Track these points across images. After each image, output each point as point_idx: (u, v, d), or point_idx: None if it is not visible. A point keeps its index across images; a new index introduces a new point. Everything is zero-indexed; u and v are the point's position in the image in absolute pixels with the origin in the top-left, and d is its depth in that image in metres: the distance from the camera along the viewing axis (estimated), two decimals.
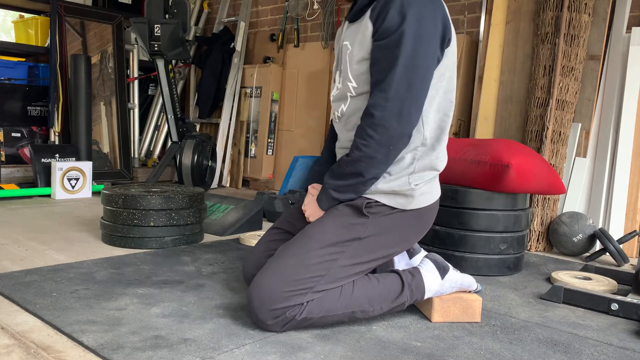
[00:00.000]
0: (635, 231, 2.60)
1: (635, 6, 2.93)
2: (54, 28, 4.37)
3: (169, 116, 4.23)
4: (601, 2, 2.91)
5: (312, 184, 1.78)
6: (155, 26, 3.87)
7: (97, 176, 4.13)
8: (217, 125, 4.89)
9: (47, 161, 3.85)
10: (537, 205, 2.79)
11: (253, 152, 4.75)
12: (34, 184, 3.85)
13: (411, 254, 1.80)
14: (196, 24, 5.37)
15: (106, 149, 4.65)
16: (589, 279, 2.14)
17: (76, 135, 4.22)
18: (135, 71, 4.99)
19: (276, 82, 4.67)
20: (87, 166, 3.87)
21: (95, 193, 3.94)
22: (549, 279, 2.24)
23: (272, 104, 4.65)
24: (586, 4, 2.84)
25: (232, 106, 4.82)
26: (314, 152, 4.43)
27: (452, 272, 1.67)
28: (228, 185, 4.84)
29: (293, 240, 1.59)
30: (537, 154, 2.40)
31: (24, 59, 4.71)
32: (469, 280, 1.71)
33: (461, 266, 2.20)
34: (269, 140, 4.67)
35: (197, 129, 4.91)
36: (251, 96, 4.79)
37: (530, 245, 2.79)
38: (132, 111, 4.91)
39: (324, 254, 1.50)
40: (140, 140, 5.08)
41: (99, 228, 2.67)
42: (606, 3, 2.90)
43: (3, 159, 4.27)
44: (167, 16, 3.91)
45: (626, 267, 2.47)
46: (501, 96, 3.20)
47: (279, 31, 4.74)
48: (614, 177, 2.82)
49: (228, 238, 2.74)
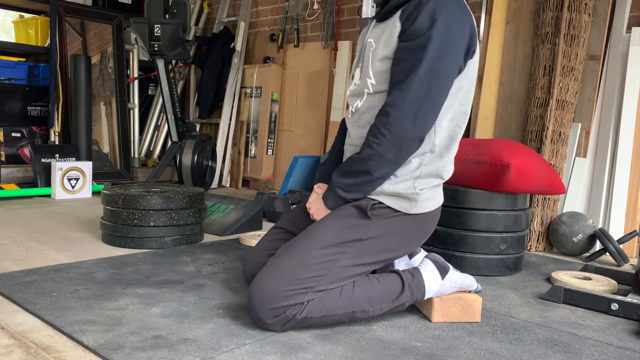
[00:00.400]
0: (635, 231, 2.60)
1: (635, 6, 2.93)
2: (54, 28, 4.37)
3: (169, 116, 4.23)
4: (601, 2, 2.91)
5: (319, 183, 1.78)
6: (155, 26, 3.87)
7: (97, 176, 4.13)
8: (217, 125, 4.89)
9: (47, 161, 3.85)
10: (537, 205, 2.79)
11: (253, 152, 4.75)
12: (34, 184, 3.85)
13: (411, 254, 1.80)
14: (196, 24, 5.37)
15: (106, 149, 4.65)
16: (589, 279, 2.14)
17: (76, 135, 4.22)
18: (135, 71, 5.00)
19: (276, 82, 4.67)
20: (87, 166, 3.87)
21: (95, 193, 3.94)
22: (549, 279, 2.24)
23: (272, 104, 4.65)
24: (586, 4, 2.84)
25: (232, 106, 4.82)
26: (314, 152, 4.42)
27: (453, 272, 1.68)
28: (228, 185, 4.84)
29: (294, 240, 1.59)
30: (537, 154, 2.40)
31: (24, 59, 4.71)
32: (469, 281, 1.71)
33: (461, 266, 2.20)
34: (269, 140, 4.67)
35: (197, 129, 4.91)
36: (251, 96, 4.79)
37: (530, 245, 2.79)
38: (132, 111, 4.91)
39: (325, 254, 1.51)
40: (140, 140, 5.08)
41: (99, 228, 2.67)
42: (606, 3, 2.90)
43: (3, 159, 4.27)
44: (167, 16, 3.91)
45: (626, 267, 2.47)
46: (501, 96, 3.20)
47: (279, 31, 4.74)
48: (614, 177, 2.82)
49: (228, 238, 2.74)
